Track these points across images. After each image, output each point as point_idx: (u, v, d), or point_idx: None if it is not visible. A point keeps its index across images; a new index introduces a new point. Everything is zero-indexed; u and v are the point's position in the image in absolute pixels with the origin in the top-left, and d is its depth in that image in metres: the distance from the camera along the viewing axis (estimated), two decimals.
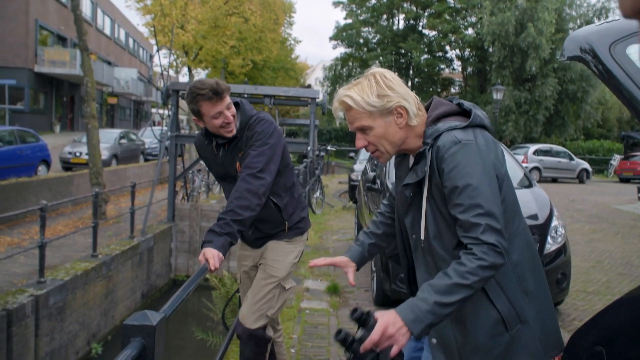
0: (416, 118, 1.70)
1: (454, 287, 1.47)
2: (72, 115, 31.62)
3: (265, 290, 2.90)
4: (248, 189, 2.57)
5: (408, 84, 29.22)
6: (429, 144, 1.65)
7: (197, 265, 12.32)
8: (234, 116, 2.74)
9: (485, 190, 1.55)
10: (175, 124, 11.54)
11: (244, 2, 22.70)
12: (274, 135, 2.74)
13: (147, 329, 1.36)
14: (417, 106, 1.71)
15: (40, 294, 6.65)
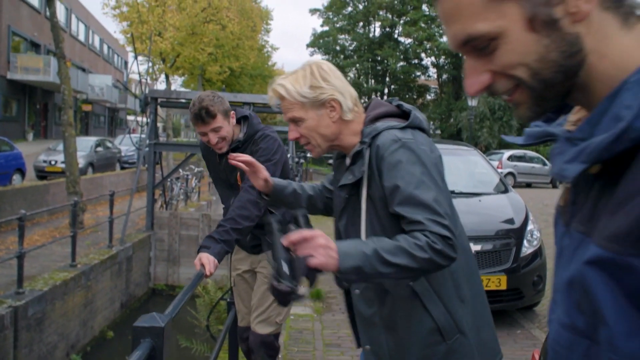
0: (351, 113, 1.64)
1: (400, 250, 1.37)
2: (45, 122, 31.16)
3: (269, 302, 2.96)
4: (250, 199, 2.65)
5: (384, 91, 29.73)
6: (366, 143, 1.58)
7: (176, 274, 12.33)
8: (223, 138, 2.78)
9: (429, 187, 1.47)
10: (153, 131, 11.53)
11: (222, 10, 22.74)
12: (277, 152, 2.84)
13: (156, 330, 1.45)
14: (354, 102, 1.65)
15: (19, 305, 6.59)
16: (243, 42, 26.86)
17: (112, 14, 19.62)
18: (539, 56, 0.65)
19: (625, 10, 0.63)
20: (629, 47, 0.63)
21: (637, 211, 0.56)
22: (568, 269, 0.68)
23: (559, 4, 0.62)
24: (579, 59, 0.64)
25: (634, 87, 0.59)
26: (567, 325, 0.68)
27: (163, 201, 13.85)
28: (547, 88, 0.67)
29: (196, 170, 17.42)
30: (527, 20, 0.64)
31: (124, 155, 22.77)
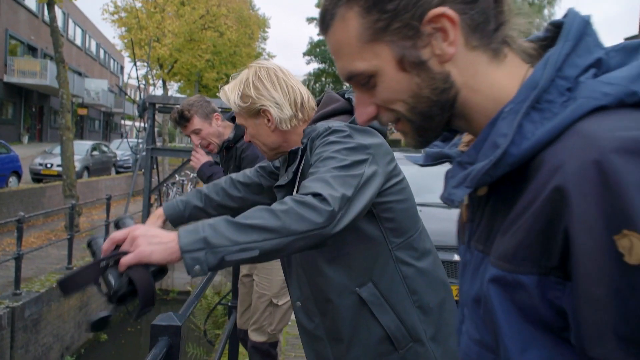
0: (291, 121, 1.53)
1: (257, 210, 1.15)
2: (40, 126, 31.06)
3: (261, 308, 3.00)
4: None
5: None
6: (303, 144, 1.45)
7: (170, 278, 12.32)
8: (204, 139, 2.92)
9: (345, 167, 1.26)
10: (151, 136, 11.56)
11: (220, 17, 22.85)
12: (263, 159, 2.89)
13: (173, 329, 1.50)
14: (298, 109, 1.54)
15: (16, 306, 6.62)
16: (240, 50, 26.99)
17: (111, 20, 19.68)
18: (412, 93, 0.70)
19: (494, 47, 0.69)
20: (499, 80, 0.69)
21: (522, 232, 0.60)
22: (473, 286, 0.71)
23: (425, 47, 0.68)
24: (451, 94, 0.70)
25: (508, 116, 0.64)
26: (477, 340, 0.71)
27: (158, 206, 13.85)
28: (425, 120, 0.72)
29: (192, 175, 17.44)
30: (398, 62, 0.69)
31: (120, 160, 22.76)
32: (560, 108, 0.61)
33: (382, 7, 0.68)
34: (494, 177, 0.65)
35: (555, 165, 0.58)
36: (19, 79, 25.89)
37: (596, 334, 0.55)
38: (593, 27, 0.66)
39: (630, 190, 0.51)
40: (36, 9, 28.50)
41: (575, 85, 0.62)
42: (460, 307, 0.79)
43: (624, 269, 0.52)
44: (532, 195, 0.60)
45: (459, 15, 0.66)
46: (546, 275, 0.59)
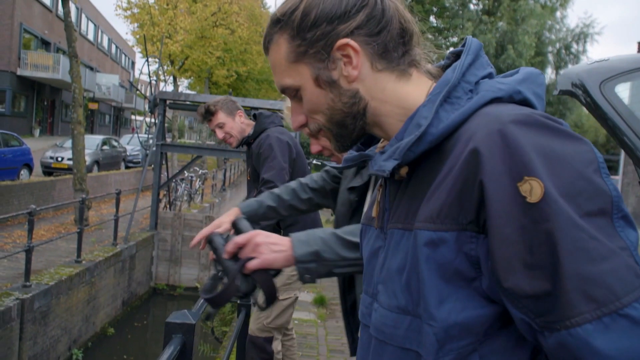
0: None
1: None
2: (52, 119, 31.27)
3: (262, 300, 3.05)
4: None
5: None
6: None
7: (178, 274, 12.36)
8: (227, 133, 3.14)
9: None
10: (161, 132, 11.59)
11: (231, 14, 22.84)
12: (276, 149, 3.01)
13: (187, 327, 1.50)
14: None
15: (26, 298, 6.64)
16: (251, 47, 26.96)
17: (124, 15, 19.73)
18: (328, 106, 0.86)
19: (402, 68, 0.85)
20: (407, 93, 0.85)
21: (444, 194, 0.73)
22: (393, 261, 0.82)
23: (334, 69, 0.84)
24: (361, 106, 0.85)
25: (428, 104, 0.79)
26: (393, 306, 0.81)
27: (167, 201, 13.90)
28: (341, 128, 0.88)
29: (200, 172, 17.48)
30: (314, 80, 0.85)
31: (129, 155, 22.85)
32: (466, 101, 0.78)
33: (303, 35, 0.84)
34: (416, 153, 0.78)
35: (469, 135, 0.72)
36: (32, 72, 26.09)
37: (507, 266, 0.67)
38: (483, 51, 0.86)
39: (526, 148, 0.67)
40: (50, 3, 28.69)
41: (475, 87, 0.80)
42: (370, 289, 0.89)
43: (527, 208, 0.65)
44: (451, 164, 0.73)
45: (363, 45, 0.83)
46: (464, 230, 0.71)
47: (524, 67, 0.87)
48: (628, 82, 1.95)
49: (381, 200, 0.91)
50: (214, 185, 19.63)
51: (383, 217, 0.89)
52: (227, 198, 19.79)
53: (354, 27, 0.82)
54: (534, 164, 0.66)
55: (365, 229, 0.98)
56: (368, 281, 0.91)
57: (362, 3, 0.83)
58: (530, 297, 0.66)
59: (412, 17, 0.90)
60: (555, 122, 0.72)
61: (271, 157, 2.96)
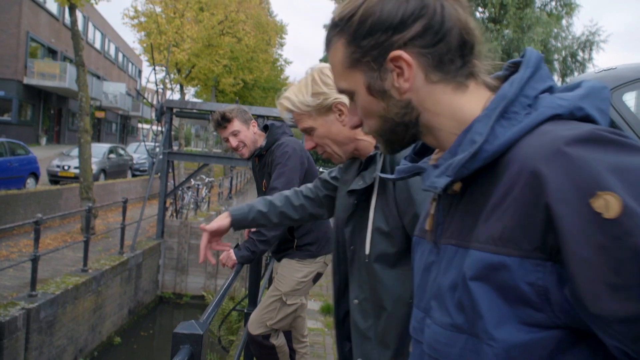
0: None
1: None
2: (59, 127, 31.48)
3: (269, 301, 3.14)
4: None
5: None
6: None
7: (184, 282, 12.39)
8: (242, 142, 3.12)
9: None
10: (168, 140, 11.66)
11: (238, 23, 22.99)
12: (292, 158, 3.00)
13: (195, 337, 1.50)
14: None
15: (32, 308, 6.67)
16: (257, 55, 27.11)
17: (131, 24, 19.89)
18: (380, 114, 0.86)
19: (459, 80, 0.83)
20: (463, 105, 0.83)
21: (506, 217, 0.69)
22: (447, 277, 0.79)
23: (386, 79, 0.83)
24: (412, 116, 0.84)
25: (483, 120, 0.77)
26: (447, 324, 0.78)
27: (173, 210, 13.95)
28: (392, 136, 0.88)
29: (207, 180, 17.54)
30: (367, 87, 0.85)
31: (136, 163, 22.94)
32: (524, 117, 0.75)
33: (358, 42, 0.84)
34: (469, 170, 0.76)
35: (527, 155, 0.70)
36: (38, 81, 26.30)
37: (592, 291, 0.62)
38: (544, 63, 0.82)
39: (592, 164, 0.63)
40: (57, 12, 28.95)
41: (534, 102, 0.77)
42: (422, 304, 0.88)
43: (604, 225, 0.60)
44: (509, 183, 0.71)
45: (417, 56, 0.81)
46: (528, 257, 0.67)
47: (587, 80, 0.82)
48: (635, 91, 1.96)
49: (435, 213, 0.89)
50: (221, 193, 19.68)
51: (436, 231, 0.87)
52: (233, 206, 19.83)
53: (409, 37, 0.81)
54: (605, 177, 0.62)
55: (418, 242, 0.96)
56: (420, 296, 0.90)
57: (419, 12, 0.80)
58: (623, 321, 0.60)
59: (476, 27, 0.86)
60: (620, 135, 0.68)
61: (282, 164, 2.98)
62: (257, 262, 3.53)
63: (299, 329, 3.50)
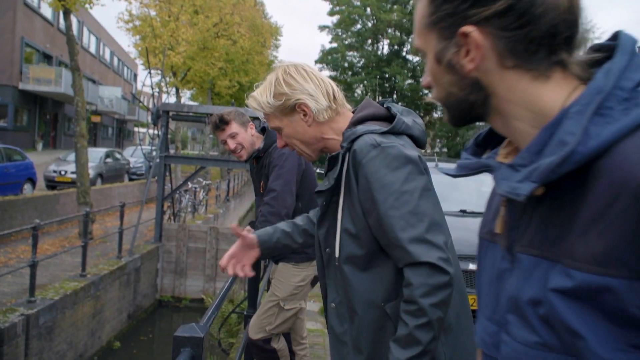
0: (326, 112, 1.55)
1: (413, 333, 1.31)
2: (55, 133, 31.43)
3: (267, 307, 3.15)
4: (270, 211, 2.88)
5: None
6: (344, 148, 1.48)
7: (183, 285, 12.37)
8: (240, 144, 3.11)
9: (416, 207, 1.36)
10: (164, 144, 11.65)
11: (233, 25, 23.00)
12: (289, 159, 2.99)
13: (196, 340, 1.50)
14: (331, 99, 1.56)
15: (31, 314, 6.66)
16: (253, 57, 27.13)
17: (126, 28, 19.88)
18: (445, 86, 0.79)
19: (542, 69, 0.73)
20: (543, 96, 0.73)
21: (611, 233, 0.61)
22: (525, 291, 0.71)
23: (455, 52, 0.75)
24: (479, 97, 0.76)
25: (575, 117, 0.67)
26: (532, 342, 0.70)
27: (171, 213, 13.93)
28: (456, 111, 0.81)
29: (204, 183, 17.52)
30: (436, 54, 0.78)
31: (133, 167, 22.93)
32: (620, 114, 0.65)
33: (438, 5, 0.76)
34: (557, 174, 0.67)
35: (633, 162, 0.61)
36: (34, 86, 26.25)
37: None
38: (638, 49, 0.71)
39: None
40: (51, 17, 28.92)
41: (632, 95, 0.67)
42: (495, 317, 0.79)
43: None
44: (610, 195, 0.62)
45: (491, 37, 0.72)
46: (637, 279, 0.60)
47: None
48: None
49: (507, 216, 0.80)
50: (218, 196, 19.67)
51: (509, 236, 0.78)
52: (231, 208, 19.82)
53: (487, 15, 0.72)
54: None
55: (487, 246, 0.86)
56: (492, 307, 0.81)
57: None
58: None
59: (581, 16, 0.75)
60: None
61: (280, 166, 2.98)
62: (256, 264, 3.53)
63: (298, 331, 3.51)
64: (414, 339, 1.31)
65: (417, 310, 1.31)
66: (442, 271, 1.31)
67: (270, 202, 2.90)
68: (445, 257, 1.33)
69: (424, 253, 1.32)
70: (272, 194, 2.92)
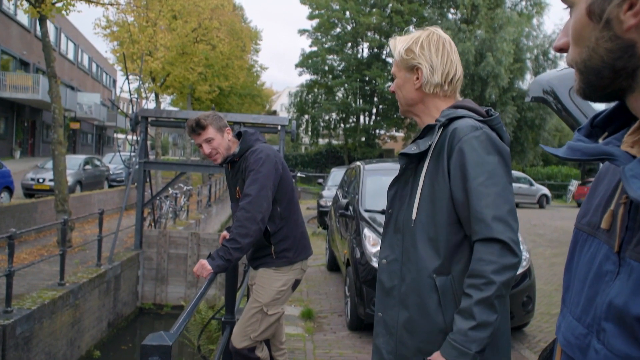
0: (433, 88, 1.66)
1: (478, 305, 1.40)
2: (33, 140, 30.95)
3: (250, 313, 3.11)
4: (246, 217, 2.84)
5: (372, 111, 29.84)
6: (441, 122, 1.58)
7: (164, 292, 12.24)
8: (215, 149, 3.09)
9: (504, 189, 1.48)
10: (144, 150, 11.53)
11: (212, 30, 22.89)
12: (265, 164, 2.97)
13: (164, 349, 1.48)
14: (447, 82, 1.67)
15: (7, 324, 6.51)
16: (232, 62, 27.02)
17: (103, 34, 19.67)
18: (590, 45, 0.68)
19: None
20: None
21: None
22: (635, 303, 0.63)
23: (612, 4, 0.64)
24: (629, 64, 0.65)
25: None
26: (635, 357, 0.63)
27: (152, 220, 13.78)
28: (594, 77, 0.70)
29: (185, 188, 17.38)
30: (588, 6, 0.67)
31: (112, 174, 22.65)
32: None
33: None
34: None
35: None
36: (11, 93, 25.83)
37: None
38: None
39: None
40: (28, 24, 28.51)
41: None
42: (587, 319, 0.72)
43: None
44: None
45: None
46: None
47: None
48: None
49: (624, 215, 0.69)
50: (200, 202, 19.52)
51: (620, 236, 0.69)
52: (212, 214, 19.69)
53: None
54: None
55: (585, 238, 0.78)
56: (584, 307, 0.73)
57: None
58: None
59: None
60: None
61: (256, 170, 2.95)
62: (234, 270, 3.50)
63: (278, 336, 3.49)
64: (479, 310, 1.40)
65: (484, 284, 1.40)
66: (512, 252, 1.42)
67: (245, 207, 2.87)
68: (517, 240, 1.43)
69: (502, 231, 1.42)
70: (248, 198, 2.89)
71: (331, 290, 7.40)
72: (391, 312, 1.63)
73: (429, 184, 1.57)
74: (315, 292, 7.27)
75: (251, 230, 2.82)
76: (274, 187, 2.99)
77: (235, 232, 2.82)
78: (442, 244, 1.54)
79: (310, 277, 8.24)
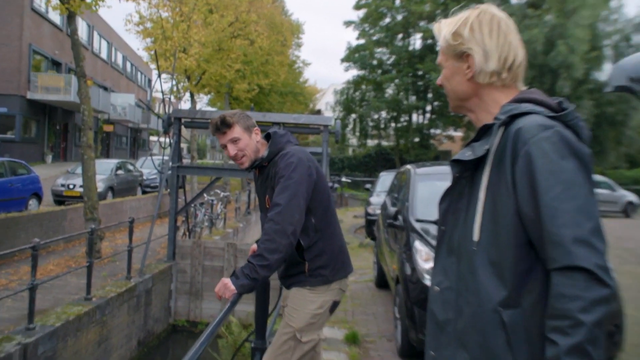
0: (489, 77, 1.48)
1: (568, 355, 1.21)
2: (65, 144, 32.01)
3: (281, 340, 2.96)
4: (275, 229, 2.67)
5: (426, 108, 29.41)
6: (501, 120, 1.40)
7: (199, 309, 12.26)
8: (241, 150, 2.94)
9: (587, 205, 1.27)
10: (177, 153, 11.60)
11: (250, 24, 23.05)
12: (297, 169, 2.80)
13: None
14: (506, 68, 1.47)
15: (29, 342, 6.57)
16: (272, 58, 27.17)
17: (136, 31, 20.09)
18: None
19: None
20: None
21: None
22: None
23: None
24: None
25: None
26: None
27: (186, 229, 13.88)
28: None
29: (222, 195, 17.48)
30: None
31: (146, 179, 23.09)
32: None
33: None
34: None
35: None
36: (42, 95, 26.80)
37: None
38: None
39: None
40: (60, 22, 29.52)
41: None
42: None
43: None
44: None
45: None
46: None
47: None
48: None
49: None
50: (238, 209, 19.61)
51: None
52: (252, 222, 19.73)
53: None
54: None
55: None
56: None
57: None
58: None
59: None
60: None
61: (287, 177, 2.78)
62: (264, 288, 3.33)
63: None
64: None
65: (570, 327, 1.21)
66: (601, 282, 1.23)
67: (274, 219, 2.68)
68: (605, 266, 1.24)
69: (585, 257, 1.23)
70: (277, 208, 2.70)
71: (380, 310, 7.16)
72: (445, 352, 1.46)
73: (489, 197, 1.39)
74: (362, 312, 7.05)
75: (281, 245, 2.64)
76: (308, 196, 2.81)
77: (262, 246, 2.64)
78: (508, 270, 1.34)
79: (356, 294, 8.02)
